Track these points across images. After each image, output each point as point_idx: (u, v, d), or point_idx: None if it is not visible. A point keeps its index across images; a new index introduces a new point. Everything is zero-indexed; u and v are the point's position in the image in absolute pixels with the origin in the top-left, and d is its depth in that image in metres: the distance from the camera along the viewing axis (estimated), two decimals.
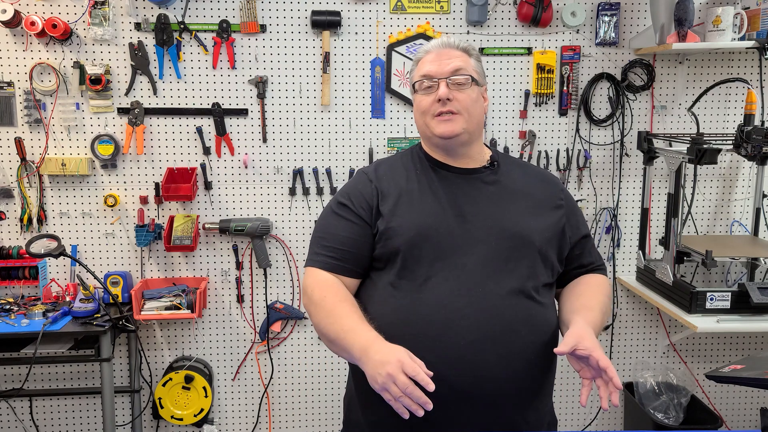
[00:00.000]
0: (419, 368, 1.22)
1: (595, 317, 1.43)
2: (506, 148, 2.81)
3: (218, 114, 2.69)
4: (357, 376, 1.52)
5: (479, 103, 1.49)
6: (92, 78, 2.58)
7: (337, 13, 2.66)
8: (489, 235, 1.42)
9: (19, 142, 2.63)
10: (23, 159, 2.64)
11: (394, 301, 1.41)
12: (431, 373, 1.21)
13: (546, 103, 2.81)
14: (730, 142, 2.42)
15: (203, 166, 2.73)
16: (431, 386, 1.19)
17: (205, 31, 2.65)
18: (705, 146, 2.35)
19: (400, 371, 1.21)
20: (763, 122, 2.80)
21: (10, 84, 2.61)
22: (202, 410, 2.73)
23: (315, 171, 2.77)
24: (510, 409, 1.40)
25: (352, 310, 1.39)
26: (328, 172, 2.77)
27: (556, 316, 1.50)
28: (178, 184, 2.65)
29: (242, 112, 2.72)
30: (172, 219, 2.70)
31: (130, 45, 2.63)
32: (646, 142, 2.71)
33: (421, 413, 1.20)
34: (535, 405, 1.45)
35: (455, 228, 1.42)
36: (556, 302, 1.55)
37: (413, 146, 1.60)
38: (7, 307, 2.56)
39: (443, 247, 1.41)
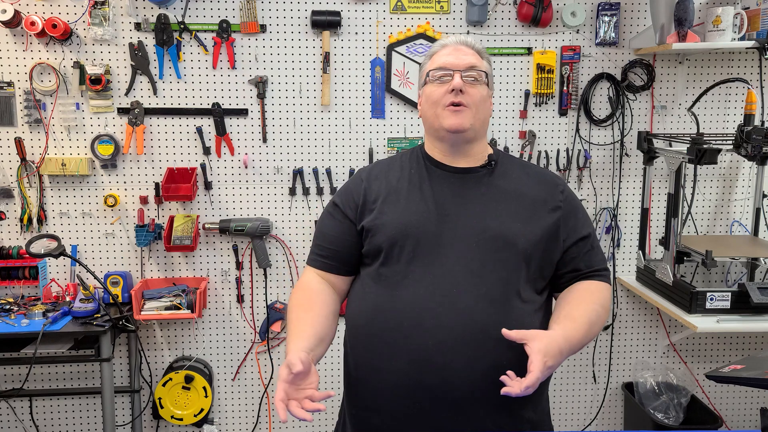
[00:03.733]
0: (279, 390, 1.26)
1: (575, 328, 1.38)
2: (506, 148, 2.81)
3: (218, 114, 2.69)
4: (345, 368, 1.56)
5: (487, 103, 1.50)
6: (92, 78, 2.58)
7: (337, 13, 2.66)
8: (471, 235, 1.41)
9: (19, 142, 2.63)
10: (23, 159, 2.64)
11: (372, 297, 1.44)
12: (282, 397, 1.24)
13: (546, 103, 2.81)
14: (730, 142, 2.42)
15: (203, 166, 2.73)
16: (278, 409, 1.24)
17: (205, 31, 2.65)
18: (705, 146, 2.34)
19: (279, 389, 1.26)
20: (763, 122, 2.80)
21: (10, 84, 2.61)
22: (202, 410, 2.73)
23: (315, 171, 2.77)
24: (479, 413, 1.38)
25: (301, 316, 1.44)
26: (328, 172, 2.77)
27: (544, 322, 1.46)
28: (178, 184, 2.65)
29: (242, 112, 2.72)
30: (172, 219, 2.70)
31: (130, 45, 2.63)
32: (646, 142, 2.71)
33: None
34: (510, 410, 1.41)
35: (437, 228, 1.42)
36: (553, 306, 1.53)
37: (415, 146, 1.61)
38: (7, 307, 2.56)
39: (423, 246, 1.41)
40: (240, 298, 2.82)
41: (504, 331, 1.30)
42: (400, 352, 1.38)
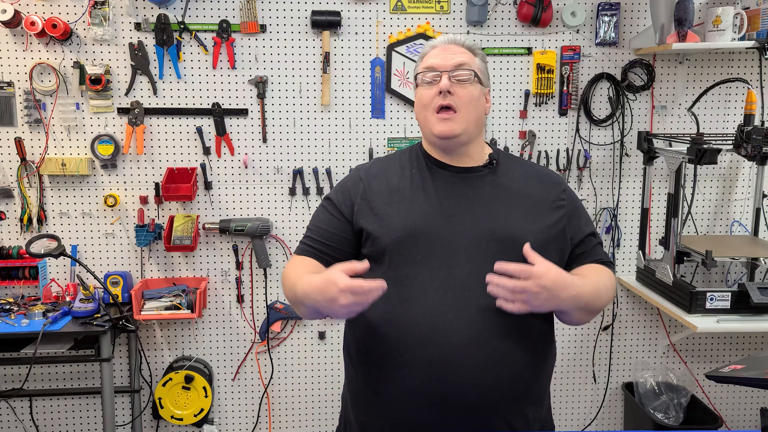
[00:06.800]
0: (343, 277, 1.24)
1: (584, 282, 1.36)
2: (506, 148, 2.81)
3: (218, 114, 2.69)
4: (350, 375, 1.54)
5: (480, 103, 1.47)
6: (92, 78, 2.58)
7: (337, 13, 2.66)
8: (479, 236, 1.39)
9: (19, 142, 2.63)
10: (23, 159, 2.64)
11: (380, 302, 1.39)
12: (361, 267, 1.25)
13: (546, 103, 2.81)
14: (730, 142, 2.42)
15: (203, 166, 2.73)
16: (364, 266, 1.25)
17: (205, 31, 2.65)
18: (705, 146, 2.35)
19: (342, 293, 1.24)
20: (763, 122, 2.80)
21: (10, 84, 2.61)
22: (202, 410, 2.73)
23: (315, 171, 2.77)
24: (493, 414, 1.38)
25: (308, 270, 1.42)
26: (328, 172, 2.77)
27: (550, 322, 1.46)
28: (178, 184, 2.65)
29: (242, 112, 2.72)
30: (172, 219, 2.70)
31: (130, 45, 2.63)
32: (646, 142, 2.71)
33: (379, 291, 1.24)
34: (522, 410, 1.42)
35: (444, 229, 1.40)
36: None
37: (414, 144, 1.58)
38: (7, 307, 2.56)
39: (431, 248, 1.39)
40: (240, 298, 2.82)
41: (526, 248, 1.30)
42: (412, 357, 1.36)
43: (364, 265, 1.26)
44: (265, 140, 2.74)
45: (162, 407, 2.71)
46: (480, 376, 1.35)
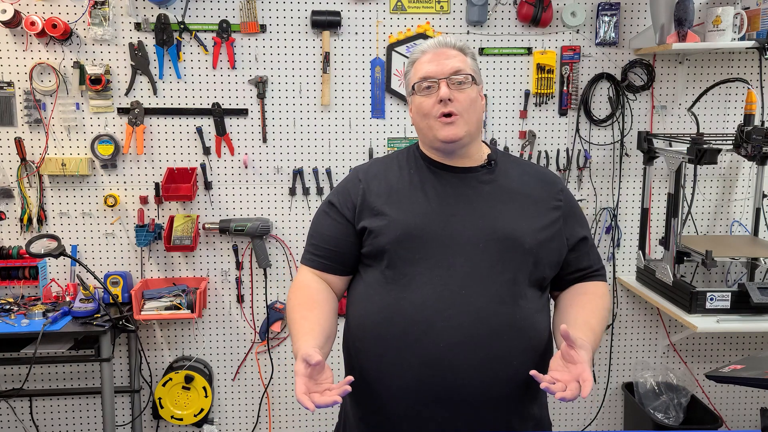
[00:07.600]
0: (300, 367, 1.24)
1: (596, 340, 1.39)
2: (506, 148, 2.81)
3: (218, 114, 2.69)
4: (349, 372, 1.54)
5: (478, 103, 1.47)
6: (92, 78, 2.59)
7: (337, 13, 2.66)
8: (478, 236, 1.40)
9: (19, 142, 2.63)
10: (23, 159, 2.64)
11: (378, 300, 1.42)
12: (302, 391, 1.21)
13: (546, 103, 2.81)
14: (730, 142, 2.42)
15: (203, 166, 2.73)
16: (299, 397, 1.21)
17: (205, 31, 2.65)
18: (705, 146, 2.35)
19: (297, 376, 1.24)
20: (763, 122, 2.80)
21: (10, 84, 2.61)
22: (202, 410, 2.73)
23: (315, 171, 2.77)
24: (491, 412, 1.39)
25: (305, 315, 1.42)
26: (328, 172, 2.77)
27: (547, 321, 1.47)
28: (178, 184, 2.65)
29: (242, 112, 2.72)
30: (172, 219, 2.70)
31: (130, 45, 2.63)
32: (646, 142, 2.72)
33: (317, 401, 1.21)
34: (520, 410, 1.42)
35: (443, 228, 1.41)
36: (551, 305, 1.53)
37: (411, 145, 1.58)
38: (7, 307, 2.56)
39: (430, 247, 1.40)
40: (240, 298, 2.82)
41: (563, 328, 1.26)
42: (410, 354, 1.37)
43: (316, 358, 1.23)
44: (265, 140, 2.74)
45: (162, 407, 2.71)
46: (477, 374, 1.35)
